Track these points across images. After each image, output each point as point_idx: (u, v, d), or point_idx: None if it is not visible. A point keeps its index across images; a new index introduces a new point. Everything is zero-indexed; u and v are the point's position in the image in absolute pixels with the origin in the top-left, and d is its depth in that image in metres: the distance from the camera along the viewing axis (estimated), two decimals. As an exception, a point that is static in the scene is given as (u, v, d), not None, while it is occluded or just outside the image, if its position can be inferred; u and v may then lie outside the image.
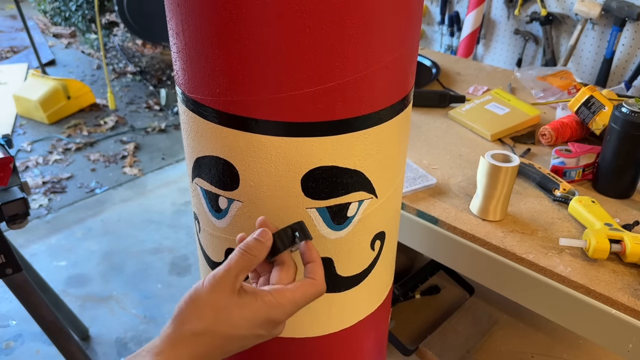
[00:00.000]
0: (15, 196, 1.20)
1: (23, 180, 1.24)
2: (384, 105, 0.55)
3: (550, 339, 1.31)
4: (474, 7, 2.21)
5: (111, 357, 1.74)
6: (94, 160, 2.88)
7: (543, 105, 1.36)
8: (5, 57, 4.28)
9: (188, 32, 0.51)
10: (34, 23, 5.00)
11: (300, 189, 0.55)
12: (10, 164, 1.23)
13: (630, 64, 1.91)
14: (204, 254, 0.67)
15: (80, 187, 2.66)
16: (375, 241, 0.63)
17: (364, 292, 0.66)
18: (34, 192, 2.59)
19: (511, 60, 2.29)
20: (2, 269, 1.24)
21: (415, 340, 1.35)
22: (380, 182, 0.59)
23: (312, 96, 0.50)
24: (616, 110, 0.96)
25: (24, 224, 1.24)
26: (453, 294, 1.49)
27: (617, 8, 1.82)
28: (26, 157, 2.88)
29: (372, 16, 0.48)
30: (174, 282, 2.05)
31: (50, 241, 2.27)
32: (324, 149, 0.53)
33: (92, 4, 3.59)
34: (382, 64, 0.52)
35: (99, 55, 4.23)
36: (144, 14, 2.79)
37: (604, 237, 0.83)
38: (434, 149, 1.17)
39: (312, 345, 0.68)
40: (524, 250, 0.87)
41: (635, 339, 0.78)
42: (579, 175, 1.04)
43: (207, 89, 0.53)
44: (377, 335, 0.77)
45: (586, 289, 0.80)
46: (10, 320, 1.86)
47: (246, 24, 0.47)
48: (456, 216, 0.95)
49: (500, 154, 0.91)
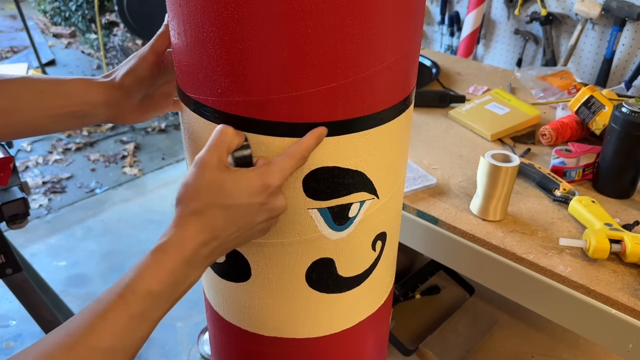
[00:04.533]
0: (15, 196, 1.20)
1: (23, 180, 1.25)
2: (386, 106, 0.55)
3: (550, 339, 1.31)
4: (474, 7, 2.21)
5: (111, 357, 1.74)
6: (94, 160, 2.88)
7: (543, 105, 1.36)
8: (5, 57, 4.28)
9: (189, 32, 0.51)
10: (34, 23, 5.00)
11: (302, 189, 0.55)
12: (10, 164, 1.23)
13: (630, 64, 1.91)
14: (205, 254, 0.67)
15: (80, 187, 2.66)
16: (377, 242, 0.63)
17: (365, 292, 0.66)
18: (34, 192, 2.59)
19: (511, 60, 2.29)
20: (2, 269, 1.24)
21: (415, 340, 1.35)
22: (382, 182, 0.59)
23: (314, 97, 0.50)
24: (616, 110, 0.96)
25: (24, 224, 1.24)
26: (453, 294, 1.49)
27: (617, 8, 1.83)
28: (26, 157, 2.88)
29: (374, 16, 0.48)
30: (174, 282, 2.05)
31: (50, 241, 2.27)
32: (326, 149, 0.53)
33: (92, 4, 3.59)
34: (384, 64, 0.52)
35: (99, 55, 4.23)
36: (144, 14, 2.79)
37: (604, 237, 0.83)
38: (434, 149, 1.17)
39: (313, 345, 0.68)
40: (524, 250, 0.87)
41: (635, 339, 0.78)
42: (579, 175, 1.04)
43: (208, 89, 0.53)
44: (378, 335, 0.77)
45: (586, 289, 0.80)
46: (10, 320, 1.86)
47: (248, 25, 0.47)
48: (456, 216, 0.95)
49: (500, 154, 0.91)
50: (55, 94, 0.60)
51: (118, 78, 0.62)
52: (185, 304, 1.92)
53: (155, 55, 0.62)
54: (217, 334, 0.75)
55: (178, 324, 1.87)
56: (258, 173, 0.50)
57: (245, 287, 0.63)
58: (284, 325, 0.65)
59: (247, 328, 0.67)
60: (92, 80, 0.62)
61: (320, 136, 0.52)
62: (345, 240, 0.60)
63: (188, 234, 0.48)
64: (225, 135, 0.50)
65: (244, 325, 0.67)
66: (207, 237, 0.49)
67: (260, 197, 0.50)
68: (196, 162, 0.49)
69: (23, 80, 0.60)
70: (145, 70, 0.62)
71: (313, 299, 0.63)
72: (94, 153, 2.94)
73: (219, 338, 0.75)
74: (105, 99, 0.62)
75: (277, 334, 0.66)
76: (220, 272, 0.65)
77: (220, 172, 0.49)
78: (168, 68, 0.64)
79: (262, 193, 0.50)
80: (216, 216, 0.49)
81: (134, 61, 0.62)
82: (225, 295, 0.67)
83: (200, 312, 1.90)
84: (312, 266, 0.60)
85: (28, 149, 2.96)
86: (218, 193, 0.49)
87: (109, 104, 0.63)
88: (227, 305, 0.68)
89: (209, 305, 0.73)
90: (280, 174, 0.51)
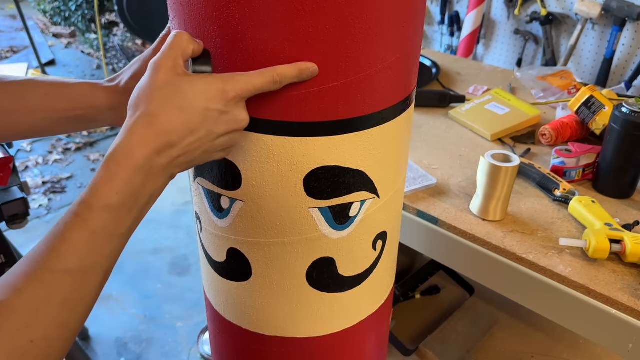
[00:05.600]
0: (15, 196, 1.20)
1: (23, 180, 1.25)
2: (386, 105, 0.55)
3: (550, 339, 1.31)
4: (474, 7, 2.21)
5: (111, 357, 1.74)
6: (93, 160, 2.88)
7: (543, 105, 1.36)
8: (5, 57, 4.28)
9: (191, 31, 0.51)
10: (34, 23, 5.00)
11: (303, 188, 0.55)
12: (10, 164, 1.23)
13: (630, 64, 1.91)
14: (206, 253, 0.67)
15: (80, 187, 2.66)
16: (377, 241, 0.63)
17: (366, 292, 0.66)
18: (34, 192, 2.59)
19: (511, 60, 2.29)
20: (2, 269, 1.24)
21: (415, 340, 1.35)
22: (383, 182, 0.59)
23: (315, 96, 0.50)
24: (616, 110, 0.96)
25: (24, 224, 1.24)
26: (453, 294, 1.49)
27: (617, 8, 1.83)
28: (26, 157, 2.88)
29: (375, 16, 0.48)
30: (174, 282, 2.05)
31: (50, 241, 2.27)
32: (327, 148, 0.53)
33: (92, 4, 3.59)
34: (385, 63, 0.52)
35: (99, 55, 4.23)
36: (144, 14, 2.79)
37: (604, 237, 0.83)
38: (434, 149, 1.17)
39: (313, 345, 0.68)
40: (524, 250, 0.87)
41: (635, 339, 0.78)
42: (579, 175, 1.04)
43: (209, 88, 0.53)
44: (379, 335, 0.77)
45: (586, 289, 0.80)
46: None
47: (249, 24, 0.47)
48: (456, 216, 0.96)
49: (500, 154, 0.91)
50: (60, 98, 0.60)
51: (123, 83, 0.62)
52: (185, 304, 1.93)
53: None
54: (217, 333, 0.75)
55: (178, 324, 1.87)
56: (218, 78, 0.47)
57: (246, 287, 0.63)
58: (285, 324, 0.65)
59: (247, 327, 0.67)
60: (98, 84, 0.62)
61: (305, 71, 0.48)
62: (346, 240, 0.60)
63: (138, 139, 0.45)
64: (181, 40, 0.47)
65: (245, 324, 0.68)
66: (161, 143, 0.45)
67: (219, 104, 0.47)
68: (150, 64, 0.47)
69: (28, 82, 0.59)
70: None
71: (314, 299, 0.63)
72: (94, 153, 2.94)
73: (220, 337, 0.75)
74: (110, 103, 0.62)
75: (278, 334, 0.66)
76: (221, 272, 0.65)
77: (176, 74, 0.47)
78: None
79: (221, 99, 0.47)
80: (170, 119, 0.45)
81: (138, 65, 0.62)
82: (225, 294, 0.67)
83: (200, 312, 1.90)
84: (313, 265, 0.60)
85: (28, 149, 2.96)
86: (173, 94, 0.46)
87: (114, 109, 0.63)
88: (228, 305, 0.68)
89: (210, 305, 0.73)
90: (243, 85, 0.47)
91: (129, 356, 1.75)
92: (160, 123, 0.45)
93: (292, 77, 0.48)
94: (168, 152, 0.46)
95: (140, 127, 0.45)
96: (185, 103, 0.46)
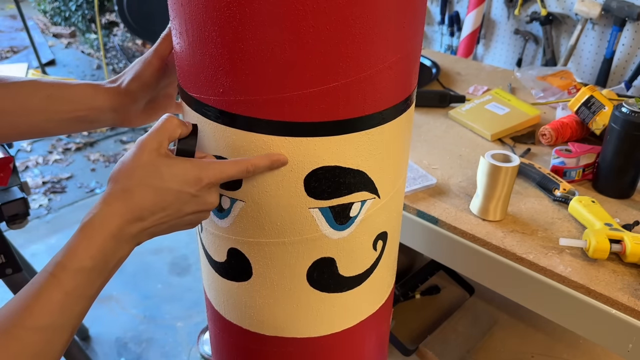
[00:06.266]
0: (15, 196, 1.20)
1: (23, 180, 1.25)
2: (387, 105, 0.55)
3: (550, 339, 1.31)
4: (474, 7, 2.21)
5: (111, 357, 1.74)
6: (93, 160, 2.88)
7: (543, 105, 1.36)
8: (5, 57, 4.28)
9: (191, 31, 0.51)
10: (34, 23, 5.00)
11: (303, 188, 0.55)
12: (10, 164, 1.23)
13: (630, 64, 1.91)
14: (206, 253, 0.67)
15: (80, 187, 2.66)
16: (378, 241, 0.63)
17: (366, 292, 0.66)
18: (34, 192, 2.59)
19: (511, 60, 2.29)
20: (2, 269, 1.24)
21: (415, 340, 1.35)
22: (383, 182, 0.59)
23: (316, 96, 0.50)
24: (616, 110, 0.96)
25: (24, 224, 1.24)
26: (453, 294, 1.49)
27: (617, 8, 1.83)
28: (26, 157, 2.88)
29: (376, 16, 0.48)
30: (174, 282, 2.05)
31: (50, 241, 2.27)
32: (327, 149, 0.53)
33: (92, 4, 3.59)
34: (386, 64, 0.52)
35: (99, 55, 4.23)
36: (144, 13, 2.79)
37: (604, 237, 0.83)
38: (434, 149, 1.18)
39: (313, 345, 0.68)
40: (524, 250, 0.87)
41: (635, 339, 0.78)
42: (579, 175, 1.04)
43: (210, 88, 0.53)
44: (379, 335, 0.77)
45: (586, 289, 0.80)
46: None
47: (250, 24, 0.47)
48: (456, 216, 0.96)
49: (500, 154, 0.91)
50: (62, 99, 0.61)
51: (124, 84, 0.63)
52: (185, 304, 1.93)
53: (160, 59, 0.63)
54: (217, 333, 0.75)
55: (178, 324, 1.87)
56: (195, 165, 0.52)
57: (247, 287, 0.63)
58: (285, 324, 0.65)
59: (248, 327, 0.68)
60: (99, 85, 0.63)
61: (276, 162, 0.52)
62: (346, 240, 0.60)
63: (113, 210, 0.49)
64: (170, 123, 0.52)
65: (245, 324, 0.68)
66: (133, 216, 0.49)
67: (192, 188, 0.51)
68: (137, 142, 0.51)
69: (30, 83, 0.60)
70: (150, 75, 0.63)
71: (314, 299, 0.63)
72: (94, 153, 2.94)
73: (220, 337, 0.75)
74: (112, 104, 0.63)
75: (278, 334, 0.66)
76: (221, 272, 0.65)
77: (158, 156, 0.51)
78: (171, 70, 0.65)
79: (195, 185, 0.51)
80: (144, 197, 0.50)
81: (139, 66, 0.63)
82: (226, 294, 0.67)
83: (200, 312, 1.90)
84: (313, 265, 0.60)
85: (28, 149, 2.96)
86: (151, 175, 0.50)
87: (115, 110, 0.63)
88: (228, 305, 0.68)
89: (210, 305, 0.73)
90: (218, 173, 0.52)
91: (129, 356, 1.75)
92: (135, 199, 0.49)
93: (265, 167, 0.53)
94: (138, 224, 0.50)
95: (116, 200, 0.49)
96: (161, 185, 0.50)
